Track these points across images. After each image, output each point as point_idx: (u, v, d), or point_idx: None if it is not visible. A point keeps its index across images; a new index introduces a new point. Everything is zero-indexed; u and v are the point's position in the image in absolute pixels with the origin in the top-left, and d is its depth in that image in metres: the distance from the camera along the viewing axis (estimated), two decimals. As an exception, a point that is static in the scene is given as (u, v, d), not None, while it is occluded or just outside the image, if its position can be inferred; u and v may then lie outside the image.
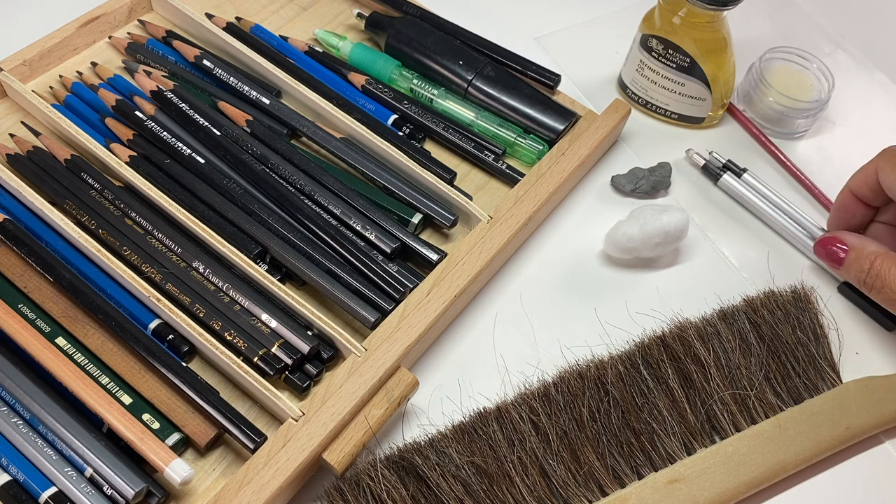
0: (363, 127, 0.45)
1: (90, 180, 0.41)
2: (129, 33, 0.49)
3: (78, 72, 0.47)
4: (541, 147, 0.46)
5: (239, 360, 0.36)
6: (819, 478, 0.38)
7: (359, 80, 0.48)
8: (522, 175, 0.45)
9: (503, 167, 0.46)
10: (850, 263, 0.42)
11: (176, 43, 0.48)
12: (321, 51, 0.50)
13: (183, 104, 0.44)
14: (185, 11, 0.49)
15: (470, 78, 0.47)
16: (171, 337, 0.37)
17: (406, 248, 0.42)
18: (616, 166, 0.49)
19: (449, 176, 0.45)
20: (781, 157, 0.50)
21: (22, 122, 0.44)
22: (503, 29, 0.55)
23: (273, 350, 0.37)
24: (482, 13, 0.56)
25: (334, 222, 0.42)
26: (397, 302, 0.39)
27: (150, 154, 0.43)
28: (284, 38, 0.50)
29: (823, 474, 0.38)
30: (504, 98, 0.47)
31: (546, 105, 0.47)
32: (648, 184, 0.47)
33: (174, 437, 0.35)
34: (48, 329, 0.37)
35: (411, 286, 0.40)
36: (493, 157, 0.46)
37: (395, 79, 0.49)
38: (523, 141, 0.46)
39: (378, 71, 0.49)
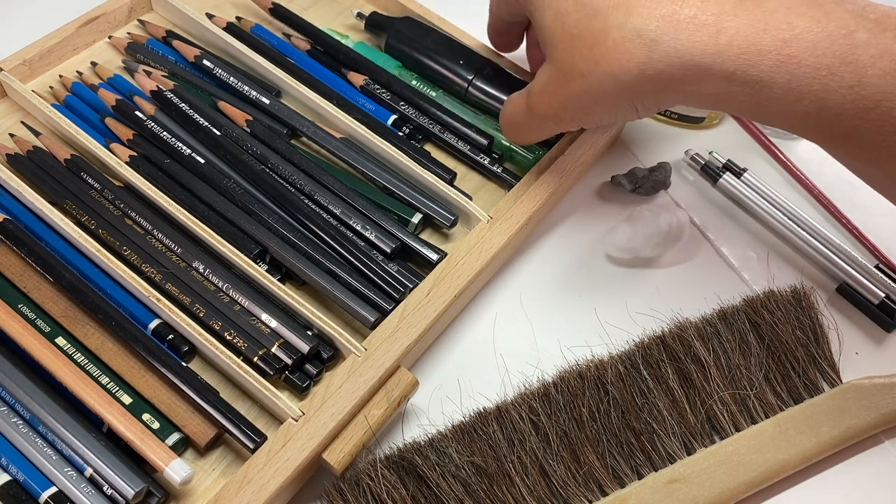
0: (363, 127, 0.45)
1: (90, 180, 0.41)
2: (129, 33, 0.49)
3: (78, 72, 0.47)
4: (537, 151, 0.46)
5: (239, 360, 0.36)
6: (819, 478, 0.38)
7: (358, 79, 0.48)
8: (518, 178, 0.45)
9: (499, 170, 0.45)
10: None
11: (176, 43, 0.48)
12: (322, 50, 0.50)
13: (183, 104, 0.44)
14: (185, 11, 0.49)
15: (470, 78, 0.47)
16: (171, 337, 0.37)
17: (406, 248, 0.42)
18: (616, 166, 0.49)
19: (449, 176, 0.45)
20: (781, 156, 0.50)
21: (22, 122, 0.44)
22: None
23: (273, 350, 0.37)
24: (482, 13, 0.56)
25: (334, 222, 0.42)
26: (397, 302, 0.39)
27: (150, 154, 0.43)
28: (288, 37, 0.50)
29: (823, 474, 0.38)
30: (504, 98, 0.47)
31: None
32: (648, 184, 0.47)
33: (174, 437, 0.35)
34: (48, 329, 0.37)
35: (411, 286, 0.40)
36: (488, 160, 0.46)
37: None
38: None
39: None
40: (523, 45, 0.47)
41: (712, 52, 0.33)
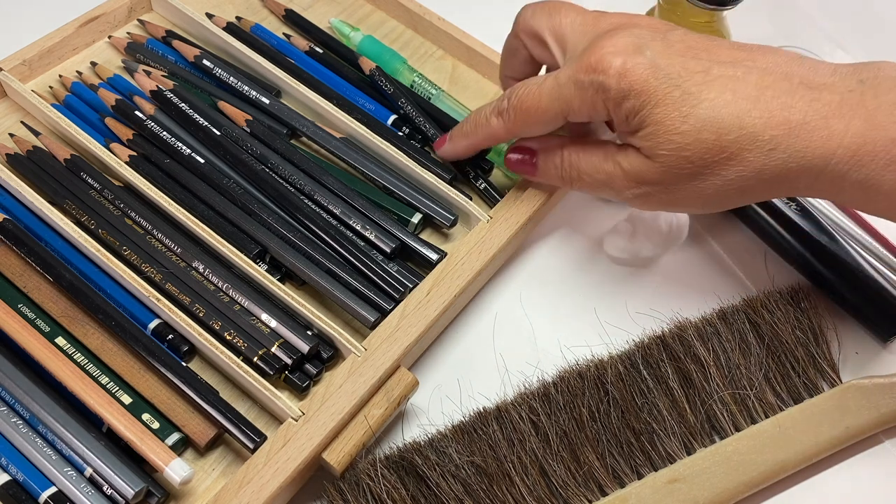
0: (363, 127, 0.45)
1: (90, 180, 0.41)
2: (128, 33, 0.49)
3: (78, 71, 0.47)
4: None
5: (239, 360, 0.36)
6: (819, 478, 0.38)
7: (368, 65, 0.48)
8: (502, 195, 0.44)
9: (481, 186, 0.45)
10: (543, 168, 0.41)
11: (175, 43, 0.48)
12: (321, 52, 0.50)
13: (183, 104, 0.44)
14: (184, 11, 0.49)
15: None
16: (170, 337, 0.37)
17: (406, 247, 0.42)
18: (616, 166, 0.49)
19: (448, 176, 0.45)
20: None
21: (22, 122, 0.44)
22: (503, 29, 0.55)
23: (273, 350, 0.37)
24: (481, 14, 0.56)
25: (334, 222, 0.42)
26: (397, 302, 0.39)
27: (150, 154, 0.43)
28: (287, 37, 0.50)
29: (823, 474, 0.38)
30: None
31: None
32: (648, 184, 0.47)
33: (174, 437, 0.35)
34: (48, 329, 0.37)
35: (411, 286, 0.40)
36: (474, 174, 0.45)
37: (401, 71, 0.49)
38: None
39: (384, 63, 0.49)
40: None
41: (824, 155, 0.34)
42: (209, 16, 0.50)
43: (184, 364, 0.36)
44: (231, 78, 0.46)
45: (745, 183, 0.36)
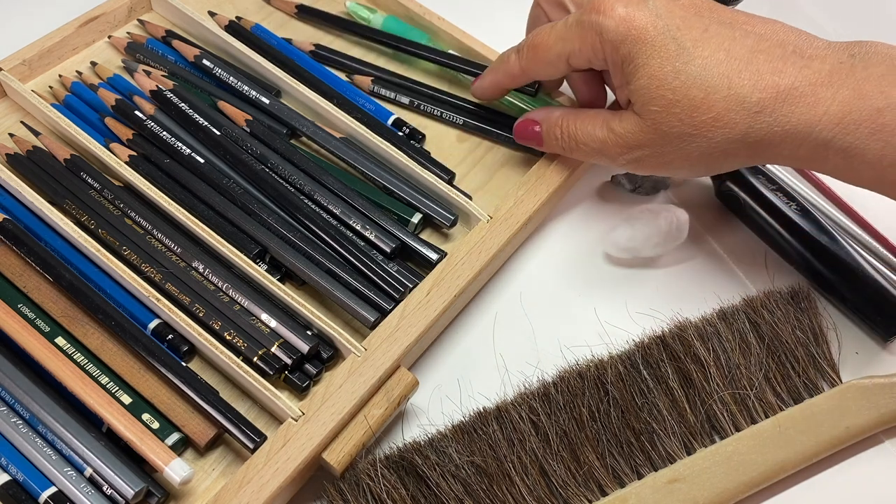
0: (363, 127, 0.45)
1: (90, 180, 0.41)
2: (128, 33, 0.49)
3: (77, 71, 0.47)
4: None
5: (239, 360, 0.36)
6: (819, 478, 0.38)
7: (364, 81, 0.48)
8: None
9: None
10: (547, 138, 0.43)
11: (175, 42, 0.48)
12: (325, 52, 0.50)
13: (182, 104, 0.44)
14: (184, 11, 0.49)
15: None
16: (170, 337, 0.37)
17: (406, 247, 0.42)
18: (616, 166, 0.49)
19: (448, 176, 0.45)
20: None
21: (22, 122, 0.44)
22: (501, 29, 0.55)
23: (273, 350, 0.37)
24: (481, 14, 0.56)
25: (334, 222, 0.42)
26: (397, 302, 0.39)
27: (150, 154, 0.43)
28: (288, 41, 0.50)
29: (823, 474, 0.38)
30: None
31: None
32: (649, 183, 0.47)
33: (174, 437, 0.35)
34: (48, 329, 0.37)
35: (411, 286, 0.40)
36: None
37: None
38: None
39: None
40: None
41: (809, 121, 0.34)
42: (212, 14, 0.50)
43: (184, 364, 0.36)
44: (231, 78, 0.46)
45: (729, 146, 0.36)
